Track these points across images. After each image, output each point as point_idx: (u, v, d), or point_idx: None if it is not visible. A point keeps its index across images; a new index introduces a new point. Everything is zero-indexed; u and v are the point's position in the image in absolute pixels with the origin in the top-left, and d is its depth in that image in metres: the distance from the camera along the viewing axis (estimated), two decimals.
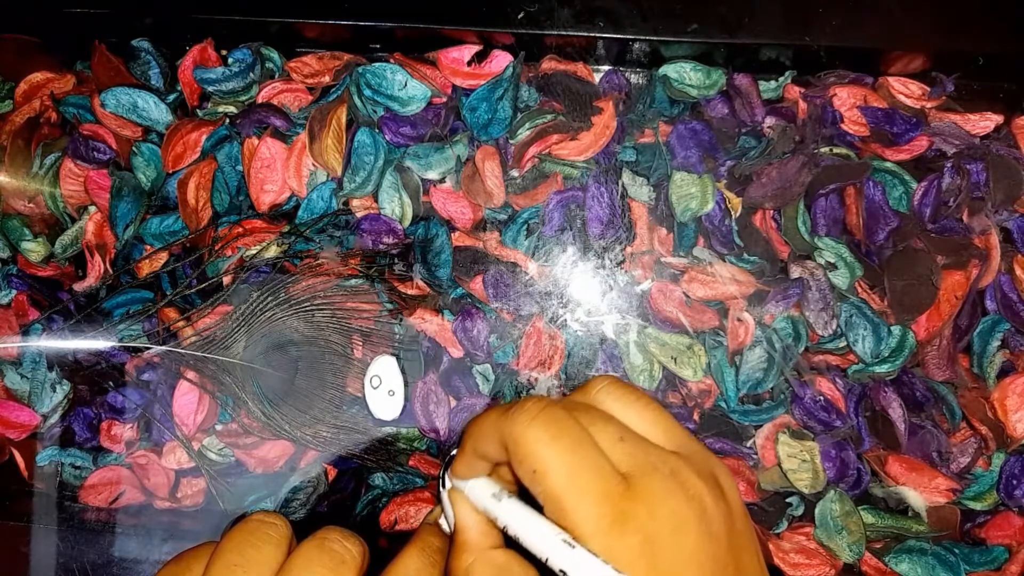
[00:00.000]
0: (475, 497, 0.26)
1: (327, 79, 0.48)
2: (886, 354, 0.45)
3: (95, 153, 0.49)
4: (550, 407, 0.24)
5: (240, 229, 0.48)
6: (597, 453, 0.23)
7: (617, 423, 0.25)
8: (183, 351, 0.47)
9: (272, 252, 0.48)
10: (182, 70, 0.49)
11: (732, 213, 0.47)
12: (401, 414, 0.47)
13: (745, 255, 0.46)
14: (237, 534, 0.24)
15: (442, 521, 0.29)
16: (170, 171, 0.48)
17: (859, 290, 0.46)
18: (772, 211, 0.47)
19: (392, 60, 0.48)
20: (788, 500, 0.47)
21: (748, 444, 0.47)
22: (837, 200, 0.47)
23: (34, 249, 0.49)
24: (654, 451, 0.24)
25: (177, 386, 0.48)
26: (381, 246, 0.47)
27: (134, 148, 0.49)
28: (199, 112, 0.50)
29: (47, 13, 0.47)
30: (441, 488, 0.28)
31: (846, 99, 0.47)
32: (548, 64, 0.48)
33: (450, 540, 0.27)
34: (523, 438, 0.23)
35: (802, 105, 0.47)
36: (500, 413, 0.25)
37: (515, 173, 0.48)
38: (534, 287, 0.47)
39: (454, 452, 0.27)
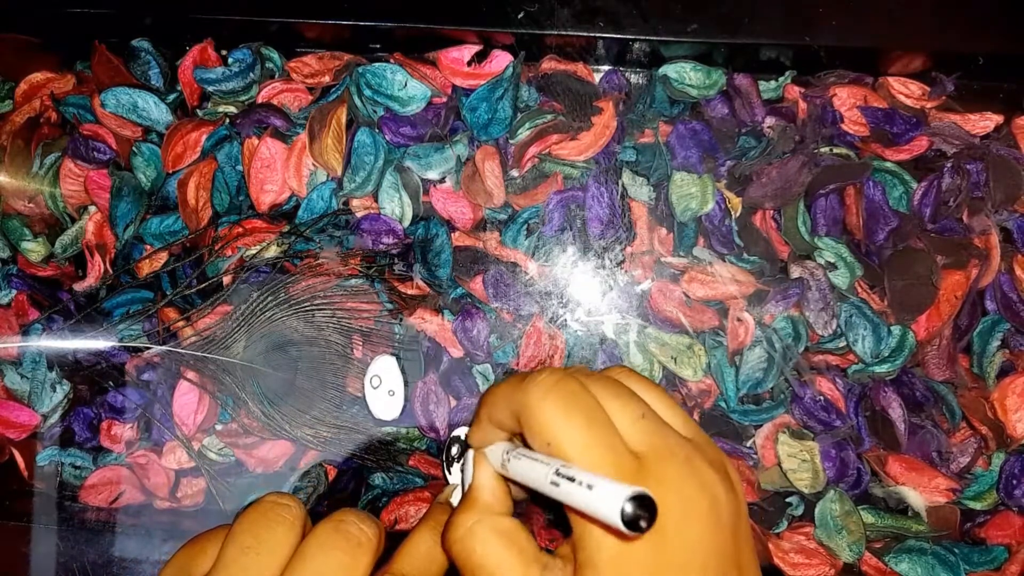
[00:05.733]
0: (492, 458, 0.25)
1: (327, 79, 0.48)
2: (886, 354, 0.45)
3: (95, 153, 0.49)
4: (565, 379, 0.23)
5: (240, 229, 0.48)
6: (611, 430, 0.23)
7: (640, 401, 0.24)
8: (183, 351, 0.47)
9: (272, 252, 0.48)
10: (182, 70, 0.49)
11: (732, 213, 0.47)
12: (401, 414, 0.47)
13: (745, 255, 0.46)
14: (251, 515, 0.24)
15: (453, 500, 0.29)
16: (170, 171, 0.48)
17: (859, 290, 0.46)
18: (772, 211, 0.47)
19: (392, 60, 0.48)
20: (788, 500, 0.47)
21: (748, 444, 0.47)
22: (837, 200, 0.47)
23: (34, 249, 0.49)
24: (672, 435, 0.24)
25: (177, 386, 0.48)
26: (381, 246, 0.47)
27: (134, 148, 0.49)
28: (199, 112, 0.50)
29: (47, 13, 0.47)
30: (446, 468, 0.28)
31: (846, 99, 0.47)
32: (548, 64, 0.48)
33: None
34: (537, 410, 0.23)
35: (802, 105, 0.47)
36: (515, 384, 0.24)
37: (515, 173, 0.48)
38: (534, 287, 0.47)
39: (455, 432, 0.27)
